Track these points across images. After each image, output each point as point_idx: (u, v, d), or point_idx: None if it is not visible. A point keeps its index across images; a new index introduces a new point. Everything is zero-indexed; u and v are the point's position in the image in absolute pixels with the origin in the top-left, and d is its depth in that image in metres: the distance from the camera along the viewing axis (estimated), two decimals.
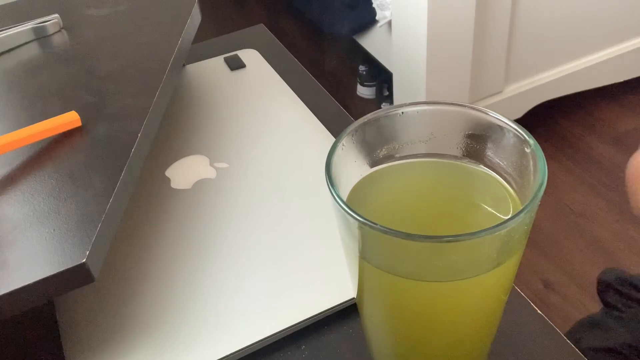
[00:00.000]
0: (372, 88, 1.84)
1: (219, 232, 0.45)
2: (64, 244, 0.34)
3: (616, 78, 1.69)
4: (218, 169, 0.50)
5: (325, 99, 0.61)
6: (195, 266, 0.42)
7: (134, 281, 0.42)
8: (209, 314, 0.39)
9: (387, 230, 0.25)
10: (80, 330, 0.39)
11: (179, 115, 0.57)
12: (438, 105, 0.32)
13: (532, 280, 1.33)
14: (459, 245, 0.25)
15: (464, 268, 0.27)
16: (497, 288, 0.30)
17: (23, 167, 0.40)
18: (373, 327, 0.34)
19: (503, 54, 1.49)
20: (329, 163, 0.29)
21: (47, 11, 0.56)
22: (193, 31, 0.55)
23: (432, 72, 1.43)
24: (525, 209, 0.26)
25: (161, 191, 0.48)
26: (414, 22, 1.39)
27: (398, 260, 0.28)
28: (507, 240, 0.27)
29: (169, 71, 0.47)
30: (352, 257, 0.29)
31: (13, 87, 0.51)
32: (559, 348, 0.38)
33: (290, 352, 0.39)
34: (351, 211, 0.26)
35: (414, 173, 0.34)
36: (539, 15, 1.49)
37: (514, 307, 0.40)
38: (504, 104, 1.56)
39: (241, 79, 0.61)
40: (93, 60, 0.52)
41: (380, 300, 0.31)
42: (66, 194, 0.37)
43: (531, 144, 0.29)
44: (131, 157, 0.39)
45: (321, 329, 0.40)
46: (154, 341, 0.38)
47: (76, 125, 0.43)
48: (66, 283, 0.33)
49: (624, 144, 1.62)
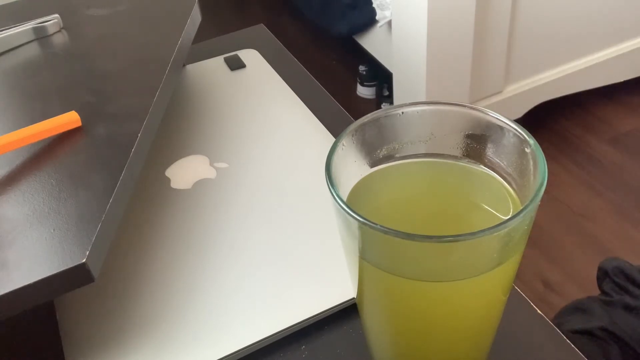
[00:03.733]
0: (372, 88, 1.84)
1: (219, 232, 0.45)
2: (64, 244, 0.34)
3: (616, 78, 1.69)
4: (218, 169, 0.50)
5: (325, 99, 0.61)
6: (195, 266, 0.42)
7: (134, 281, 0.42)
8: (209, 314, 0.39)
9: (387, 230, 0.25)
10: (80, 330, 0.39)
11: (179, 115, 0.57)
12: (438, 105, 0.32)
13: (532, 280, 1.33)
14: (459, 245, 0.25)
15: (464, 268, 0.27)
16: (497, 288, 0.30)
17: (23, 167, 0.40)
18: (373, 327, 0.34)
19: (503, 54, 1.49)
20: (329, 163, 0.29)
21: (47, 11, 0.56)
22: (193, 31, 0.55)
23: (432, 72, 1.43)
24: (525, 209, 0.26)
25: (161, 191, 0.48)
26: (414, 22, 1.39)
27: (398, 260, 0.28)
28: (507, 241, 0.27)
29: (169, 71, 0.47)
30: (352, 257, 0.29)
31: (13, 87, 0.51)
32: (559, 348, 0.38)
33: (290, 352, 0.39)
34: (351, 211, 0.26)
35: (414, 173, 0.34)
36: (539, 15, 1.49)
37: (514, 307, 0.40)
38: (504, 104, 1.56)
39: (241, 79, 0.61)
40: (93, 61, 0.52)
41: (380, 300, 0.31)
42: (66, 194, 0.37)
43: (531, 144, 0.29)
44: (131, 157, 0.39)
45: (321, 329, 0.40)
46: (154, 341, 0.38)
47: (76, 125, 0.43)
48: (66, 283, 0.33)
49: (624, 144, 1.62)
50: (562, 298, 1.29)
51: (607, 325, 0.60)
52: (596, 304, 0.64)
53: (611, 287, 0.67)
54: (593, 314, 0.63)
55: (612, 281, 0.67)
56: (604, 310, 0.63)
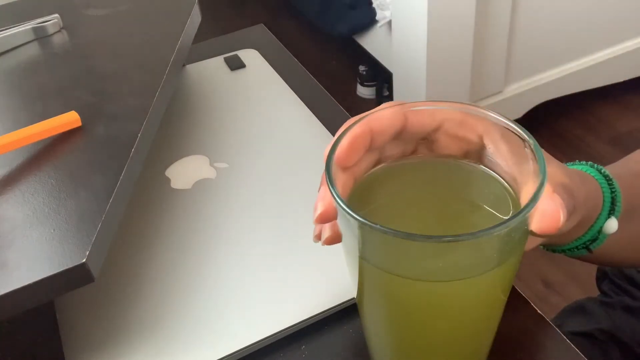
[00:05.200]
0: (372, 88, 1.84)
1: (219, 232, 0.45)
2: (64, 244, 0.34)
3: (616, 78, 1.69)
4: (218, 169, 0.50)
5: (325, 99, 0.61)
6: (195, 266, 0.42)
7: (134, 281, 0.42)
8: (209, 314, 0.39)
9: (387, 230, 0.25)
10: (80, 330, 0.39)
11: (179, 115, 0.56)
12: (438, 105, 0.32)
13: (532, 280, 1.33)
14: (458, 245, 0.25)
15: (463, 268, 0.27)
16: (497, 288, 0.30)
17: (23, 167, 0.40)
18: (373, 327, 0.34)
19: (503, 54, 1.49)
20: (329, 163, 0.29)
21: (47, 11, 0.56)
22: (193, 31, 0.55)
23: (432, 72, 1.43)
24: (525, 209, 0.26)
25: (161, 191, 0.48)
26: (414, 22, 1.39)
27: (398, 260, 0.28)
28: (507, 241, 0.27)
29: (169, 71, 0.47)
30: (352, 257, 0.29)
31: (13, 87, 0.51)
32: (559, 348, 0.38)
33: (290, 352, 0.39)
34: (351, 211, 0.26)
35: (414, 173, 0.34)
36: (539, 15, 1.49)
37: (514, 307, 0.40)
38: (504, 104, 1.56)
39: (241, 79, 0.61)
40: (93, 60, 0.52)
41: (380, 299, 0.31)
42: (66, 194, 0.37)
43: (531, 143, 0.29)
44: (131, 157, 0.39)
45: (321, 329, 0.40)
46: (154, 341, 0.38)
47: (76, 125, 0.43)
48: (66, 283, 0.33)
49: (624, 144, 1.62)
50: (562, 298, 1.29)
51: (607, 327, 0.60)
52: (596, 305, 0.64)
53: (610, 287, 0.66)
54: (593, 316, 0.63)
55: (611, 282, 0.67)
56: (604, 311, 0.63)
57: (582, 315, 0.64)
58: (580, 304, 0.65)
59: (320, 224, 0.32)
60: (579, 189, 0.32)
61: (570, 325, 0.63)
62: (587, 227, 0.38)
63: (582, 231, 0.38)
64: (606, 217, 0.38)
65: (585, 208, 0.35)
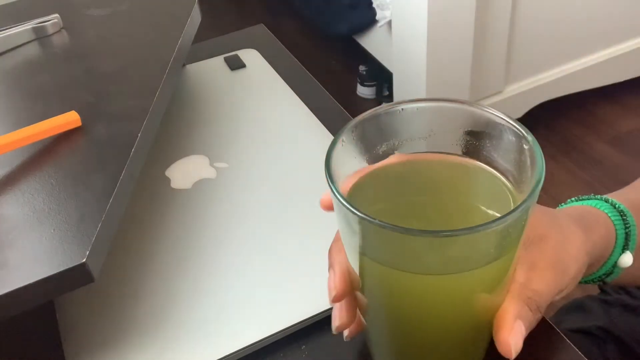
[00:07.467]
0: (372, 88, 1.84)
1: (219, 232, 0.45)
2: (64, 244, 0.34)
3: (616, 78, 1.69)
4: (218, 169, 0.50)
5: (325, 99, 0.61)
6: (195, 266, 0.42)
7: (134, 281, 0.42)
8: (209, 314, 0.39)
9: (386, 225, 0.25)
10: (80, 330, 0.39)
11: (179, 115, 0.57)
12: (437, 102, 0.32)
13: None
14: (456, 240, 0.25)
15: (461, 262, 0.27)
16: (495, 281, 0.30)
17: (23, 167, 0.40)
18: (373, 322, 0.34)
19: (503, 54, 1.49)
20: (329, 159, 0.29)
21: (47, 11, 0.56)
22: (193, 31, 0.55)
23: (432, 71, 1.43)
24: (522, 204, 0.26)
25: (161, 191, 0.48)
26: (414, 22, 1.39)
27: (397, 255, 0.28)
28: (505, 235, 0.27)
29: (169, 71, 0.47)
30: (352, 253, 0.29)
31: (13, 87, 0.51)
32: (557, 346, 0.38)
33: (290, 352, 0.39)
34: (351, 206, 0.26)
35: (413, 169, 0.34)
36: (539, 16, 1.49)
37: None
38: (504, 104, 1.56)
39: (241, 79, 0.61)
40: (93, 60, 0.52)
41: (380, 293, 0.31)
42: (66, 194, 0.37)
43: (529, 140, 0.29)
44: (131, 157, 0.39)
45: (321, 329, 0.40)
46: (154, 341, 0.38)
47: (76, 125, 0.43)
48: (66, 283, 0.33)
49: (624, 144, 1.62)
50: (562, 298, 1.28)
51: (605, 325, 0.60)
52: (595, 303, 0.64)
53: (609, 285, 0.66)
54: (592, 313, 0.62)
55: None
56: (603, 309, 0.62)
57: (581, 313, 0.64)
58: (579, 302, 0.65)
59: (337, 302, 0.33)
60: (569, 267, 0.34)
61: (568, 322, 0.63)
62: (600, 265, 0.39)
63: (595, 269, 0.39)
64: (620, 252, 0.38)
65: (593, 255, 0.36)
